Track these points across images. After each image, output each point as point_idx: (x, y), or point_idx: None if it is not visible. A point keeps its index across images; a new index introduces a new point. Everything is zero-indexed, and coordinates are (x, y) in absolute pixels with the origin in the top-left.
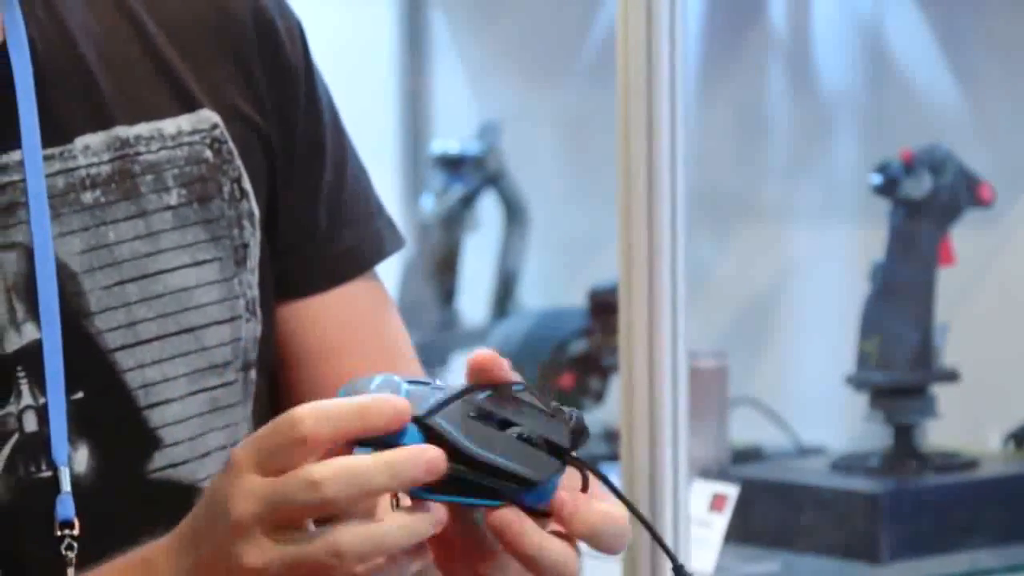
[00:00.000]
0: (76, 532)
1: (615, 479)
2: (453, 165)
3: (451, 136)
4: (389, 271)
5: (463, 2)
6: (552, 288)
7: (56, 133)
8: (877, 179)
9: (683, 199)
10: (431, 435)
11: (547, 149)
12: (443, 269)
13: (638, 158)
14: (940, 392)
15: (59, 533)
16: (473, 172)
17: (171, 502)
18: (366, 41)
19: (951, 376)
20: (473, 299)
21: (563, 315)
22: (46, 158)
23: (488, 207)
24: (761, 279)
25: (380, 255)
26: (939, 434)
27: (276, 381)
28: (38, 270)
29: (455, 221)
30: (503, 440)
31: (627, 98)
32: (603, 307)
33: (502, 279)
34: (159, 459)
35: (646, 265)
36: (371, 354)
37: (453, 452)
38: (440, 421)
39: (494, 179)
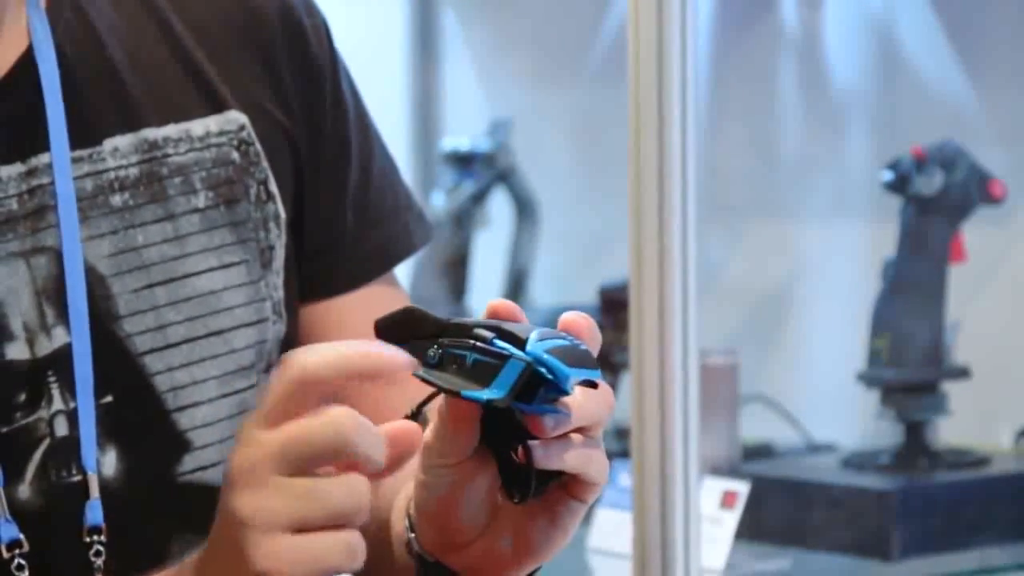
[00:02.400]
0: (104, 538)
1: (626, 476)
2: (464, 162)
3: (462, 133)
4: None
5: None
6: (563, 285)
7: (85, 135)
8: (888, 176)
9: (694, 196)
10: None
11: (558, 146)
12: (454, 266)
13: (649, 155)
14: (951, 389)
15: (88, 539)
16: (484, 169)
17: (201, 505)
18: (377, 39)
19: (962, 373)
20: (484, 296)
21: None
22: (75, 160)
23: (499, 204)
24: (772, 276)
25: (407, 251)
26: (950, 431)
27: None
28: (67, 274)
29: (466, 218)
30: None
31: (638, 95)
32: (614, 304)
33: (513, 276)
34: (189, 462)
35: (657, 262)
36: None
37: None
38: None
39: (505, 176)
